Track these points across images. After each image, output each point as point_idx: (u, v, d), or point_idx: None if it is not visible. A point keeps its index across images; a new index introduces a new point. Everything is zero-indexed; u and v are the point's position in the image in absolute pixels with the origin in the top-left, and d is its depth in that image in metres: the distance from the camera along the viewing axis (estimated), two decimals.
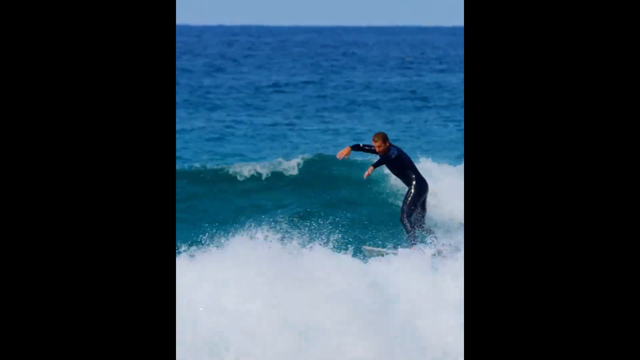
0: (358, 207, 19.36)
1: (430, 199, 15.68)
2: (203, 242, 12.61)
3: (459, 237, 14.21)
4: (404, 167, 14.67)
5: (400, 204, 15.08)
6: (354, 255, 12.96)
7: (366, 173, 14.53)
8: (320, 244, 12.68)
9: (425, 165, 18.89)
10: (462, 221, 10.46)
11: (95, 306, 7.65)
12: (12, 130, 7.63)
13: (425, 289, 11.80)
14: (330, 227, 14.11)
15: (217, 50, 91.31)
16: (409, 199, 14.76)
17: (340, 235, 13.85)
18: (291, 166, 22.07)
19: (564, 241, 7.63)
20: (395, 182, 18.93)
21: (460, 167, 19.63)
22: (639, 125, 7.66)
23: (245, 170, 21.91)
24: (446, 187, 18.29)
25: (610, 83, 7.72)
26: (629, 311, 7.54)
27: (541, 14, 7.81)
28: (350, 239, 14.44)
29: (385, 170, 15.49)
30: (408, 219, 14.89)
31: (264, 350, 10.82)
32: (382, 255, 14.33)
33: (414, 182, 14.64)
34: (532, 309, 7.60)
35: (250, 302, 11.03)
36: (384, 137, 14.63)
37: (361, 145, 14.83)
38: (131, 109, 7.79)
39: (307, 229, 13.72)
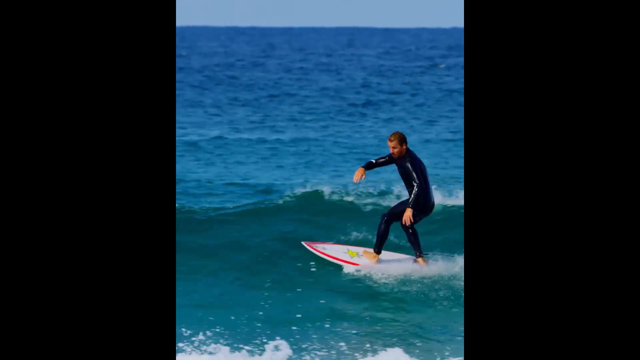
0: None
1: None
2: None
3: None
4: (409, 177, 12.49)
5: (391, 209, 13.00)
6: None
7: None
8: None
9: None
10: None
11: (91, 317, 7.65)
12: (3, 135, 7.63)
13: None
14: None
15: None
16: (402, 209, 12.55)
17: None
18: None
19: (566, 245, 7.63)
20: None
21: None
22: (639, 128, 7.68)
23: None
24: None
25: (611, 84, 7.72)
26: (629, 312, 7.55)
27: (542, 15, 7.82)
28: None
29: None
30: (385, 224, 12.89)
31: None
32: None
33: (414, 197, 12.44)
34: (533, 312, 7.60)
35: None
36: (401, 138, 12.56)
37: (374, 161, 12.80)
38: (130, 112, 7.79)
39: None
